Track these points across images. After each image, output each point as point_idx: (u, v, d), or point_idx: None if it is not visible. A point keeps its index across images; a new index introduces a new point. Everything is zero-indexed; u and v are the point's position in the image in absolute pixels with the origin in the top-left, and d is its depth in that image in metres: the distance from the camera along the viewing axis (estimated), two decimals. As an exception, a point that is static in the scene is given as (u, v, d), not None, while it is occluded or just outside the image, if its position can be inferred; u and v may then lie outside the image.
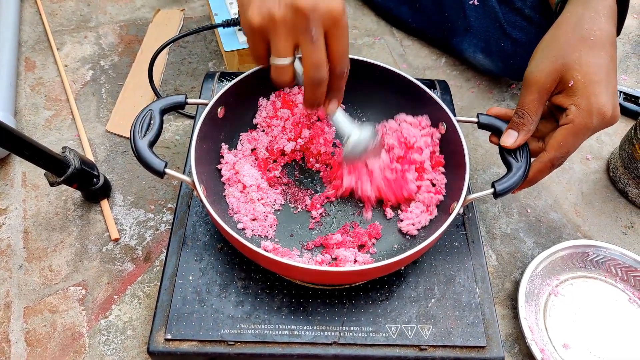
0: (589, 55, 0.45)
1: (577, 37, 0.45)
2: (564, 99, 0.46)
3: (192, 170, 0.45)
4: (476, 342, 0.46)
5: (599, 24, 0.46)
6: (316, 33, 0.39)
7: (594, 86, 0.44)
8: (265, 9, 0.39)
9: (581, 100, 0.44)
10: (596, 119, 0.44)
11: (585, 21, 0.46)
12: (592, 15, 0.46)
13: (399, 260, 0.42)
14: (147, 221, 0.60)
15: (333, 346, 0.45)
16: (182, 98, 0.49)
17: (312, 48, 0.40)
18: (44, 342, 0.50)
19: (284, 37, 0.40)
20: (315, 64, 0.41)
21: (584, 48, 0.45)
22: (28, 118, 0.69)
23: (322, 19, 0.39)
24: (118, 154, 0.66)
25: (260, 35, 0.41)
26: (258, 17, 0.39)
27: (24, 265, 0.55)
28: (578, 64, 0.45)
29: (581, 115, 0.44)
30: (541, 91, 0.46)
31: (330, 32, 0.41)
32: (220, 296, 0.48)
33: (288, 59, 0.42)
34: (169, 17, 0.83)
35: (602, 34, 0.45)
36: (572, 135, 0.45)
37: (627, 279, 0.56)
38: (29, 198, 0.61)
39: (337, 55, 0.42)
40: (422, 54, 0.82)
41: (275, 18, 0.39)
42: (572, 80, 0.45)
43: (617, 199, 0.66)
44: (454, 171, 0.51)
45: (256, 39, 0.41)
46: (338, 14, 0.40)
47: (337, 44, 0.41)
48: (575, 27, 0.46)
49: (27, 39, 0.79)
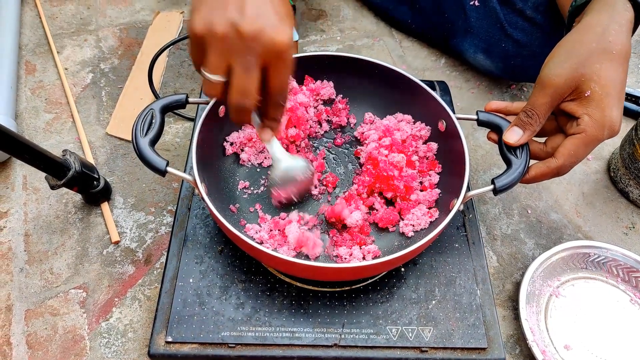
0: (609, 68, 0.44)
1: (600, 47, 0.45)
2: (576, 108, 0.46)
3: (194, 169, 0.45)
4: (477, 343, 0.46)
5: (622, 38, 0.45)
6: (251, 62, 0.38)
7: (609, 99, 0.44)
8: (208, 19, 0.37)
9: (595, 112, 0.44)
10: (607, 132, 0.45)
11: (610, 33, 0.45)
12: (617, 29, 0.45)
13: (399, 256, 0.42)
14: (148, 224, 0.60)
15: (334, 348, 0.45)
16: (183, 97, 0.49)
17: (241, 74, 0.38)
18: (45, 345, 0.50)
19: (218, 54, 0.38)
20: (239, 90, 0.39)
21: (605, 60, 0.44)
22: (28, 121, 0.69)
23: (263, 50, 0.37)
24: (118, 157, 0.66)
25: (199, 44, 0.39)
26: (200, 25, 0.38)
27: (25, 268, 0.56)
28: (597, 75, 0.44)
29: (594, 126, 0.44)
30: (555, 95, 0.46)
31: (270, 64, 0.39)
32: (221, 298, 0.48)
33: (218, 76, 0.39)
34: (168, 20, 0.83)
35: (623, 48, 0.45)
36: (583, 145, 0.45)
37: (628, 280, 0.56)
38: (29, 201, 0.61)
39: (273, 88, 0.41)
40: (421, 55, 0.82)
41: (215, 32, 0.37)
42: (589, 90, 0.44)
43: (618, 199, 0.66)
44: (453, 168, 0.51)
45: (194, 46, 0.39)
46: (282, 48, 0.38)
47: (275, 78, 0.40)
48: (600, 37, 0.45)
49: (27, 43, 0.79)
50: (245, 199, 0.55)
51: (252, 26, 0.37)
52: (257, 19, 0.37)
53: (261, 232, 0.51)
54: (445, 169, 0.55)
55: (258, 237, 0.50)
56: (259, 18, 0.37)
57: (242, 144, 0.57)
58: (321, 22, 0.87)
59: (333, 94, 0.61)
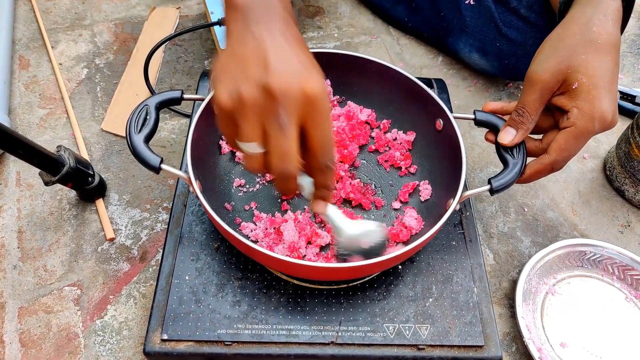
0: (595, 58, 0.44)
1: (585, 39, 0.45)
2: (566, 101, 0.45)
3: (188, 166, 0.45)
4: (474, 341, 0.46)
5: (607, 28, 0.45)
6: (285, 118, 0.34)
7: (598, 90, 0.44)
8: (235, 89, 0.34)
9: (584, 104, 0.44)
10: (597, 124, 0.44)
11: (593, 23, 0.45)
12: (601, 18, 0.45)
13: (396, 256, 0.42)
14: (143, 220, 0.59)
15: (330, 346, 0.45)
16: (179, 93, 0.48)
17: (277, 135, 0.34)
18: (38, 342, 0.50)
19: (250, 120, 0.34)
20: (280, 153, 0.35)
21: (590, 51, 0.44)
22: (22, 117, 0.68)
23: (296, 102, 0.34)
24: (113, 153, 0.65)
25: (229, 117, 0.35)
26: (226, 98, 0.35)
27: (18, 265, 0.55)
28: (584, 66, 0.44)
29: (583, 118, 0.44)
30: (543, 91, 0.46)
31: (307, 118, 0.35)
32: (217, 296, 0.47)
33: (253, 145, 0.35)
34: (164, 15, 0.83)
35: (610, 38, 0.45)
36: (574, 138, 0.45)
37: (623, 278, 0.56)
38: (23, 197, 0.60)
39: (316, 145, 0.36)
40: (418, 52, 0.82)
41: (244, 100, 0.34)
42: (576, 82, 0.44)
43: (614, 197, 0.66)
44: (450, 168, 0.51)
45: (224, 121, 0.36)
46: (316, 97, 0.34)
47: (315, 132, 0.36)
48: (583, 28, 0.45)
49: (21, 37, 0.78)
50: (240, 197, 0.54)
51: (280, 80, 0.33)
52: (284, 72, 0.34)
53: (256, 230, 0.50)
54: (441, 168, 0.55)
55: (253, 235, 0.50)
56: (286, 71, 0.34)
57: None
58: (318, 18, 0.87)
59: (330, 92, 0.61)
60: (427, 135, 0.57)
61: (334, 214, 0.43)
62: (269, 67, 0.34)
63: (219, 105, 0.35)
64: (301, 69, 0.35)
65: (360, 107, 0.60)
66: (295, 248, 0.48)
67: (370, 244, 0.44)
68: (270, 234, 0.50)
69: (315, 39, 0.83)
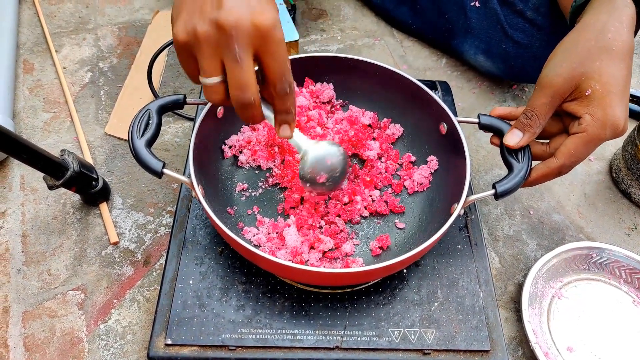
0: (610, 66, 0.44)
1: (599, 45, 0.44)
2: (578, 107, 0.45)
3: (191, 170, 0.45)
4: (480, 346, 0.45)
5: (622, 34, 0.44)
6: (240, 51, 0.36)
7: (611, 97, 0.43)
8: (190, 25, 0.37)
9: (597, 111, 0.44)
10: (609, 131, 0.44)
11: (608, 30, 0.44)
12: (617, 25, 0.45)
13: (400, 261, 0.41)
14: (147, 224, 0.59)
15: (335, 351, 0.45)
16: (181, 97, 0.48)
17: (234, 67, 0.37)
18: (42, 347, 0.50)
19: (208, 55, 0.37)
20: (238, 85, 0.37)
21: (605, 58, 0.44)
22: (26, 121, 0.68)
23: (249, 36, 0.36)
24: (117, 157, 0.65)
25: (187, 52, 0.38)
26: (183, 33, 0.37)
27: (22, 269, 0.55)
28: (598, 73, 0.43)
29: (595, 125, 0.44)
30: (555, 96, 0.45)
31: (261, 50, 0.37)
32: (221, 300, 0.47)
33: (215, 78, 0.38)
34: (168, 19, 0.82)
35: (624, 45, 0.44)
36: (584, 144, 0.45)
37: (631, 281, 0.56)
38: (27, 201, 0.60)
39: (272, 74, 0.39)
40: (422, 54, 0.82)
41: (199, 35, 0.36)
42: (589, 89, 0.44)
43: (620, 200, 0.65)
44: (454, 172, 0.51)
45: (184, 56, 0.39)
46: (267, 29, 0.36)
47: (271, 62, 0.38)
48: (598, 35, 0.45)
49: (25, 41, 0.78)
50: (243, 202, 0.54)
51: (231, 16, 0.36)
52: (235, 7, 0.36)
53: (259, 234, 0.50)
54: (446, 172, 0.55)
55: (255, 239, 0.50)
56: (236, 6, 0.36)
57: (241, 146, 0.56)
58: (321, 21, 0.86)
59: (333, 96, 0.60)
60: (431, 139, 0.56)
61: (298, 137, 0.46)
62: (221, 2, 0.36)
63: (176, 41, 0.38)
64: (253, 3, 0.37)
65: (362, 110, 0.60)
66: (298, 253, 0.48)
67: (333, 161, 0.48)
68: (272, 238, 0.50)
69: (319, 41, 0.83)
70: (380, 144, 0.58)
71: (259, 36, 0.37)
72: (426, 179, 0.56)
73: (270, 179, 0.56)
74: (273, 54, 0.38)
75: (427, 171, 0.56)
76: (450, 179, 0.53)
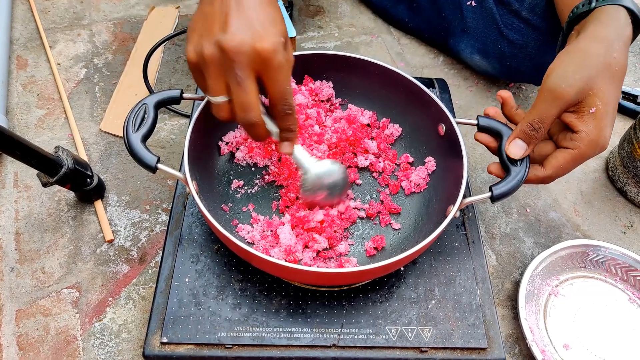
0: (611, 85, 0.44)
1: (606, 62, 0.44)
2: (577, 122, 0.44)
3: (185, 166, 0.45)
4: (477, 343, 0.45)
5: (624, 56, 0.45)
6: (242, 74, 0.38)
7: (607, 118, 0.43)
8: (199, 46, 0.39)
9: (593, 130, 0.43)
10: (598, 150, 0.44)
11: (614, 49, 0.44)
12: (621, 45, 0.45)
13: (396, 261, 0.41)
14: (142, 222, 0.59)
15: (332, 349, 0.45)
16: (178, 92, 0.48)
17: (237, 89, 0.39)
18: (36, 346, 0.49)
19: (214, 76, 0.40)
20: (241, 106, 0.40)
21: (609, 77, 0.44)
22: (20, 117, 0.67)
23: (249, 60, 0.38)
24: (112, 154, 0.65)
25: (198, 71, 0.41)
26: (193, 53, 0.40)
27: (15, 267, 0.54)
28: (602, 92, 0.43)
29: (589, 145, 0.44)
30: (564, 107, 0.44)
31: (262, 73, 0.40)
32: (217, 298, 0.47)
33: (221, 97, 0.41)
34: (163, 15, 0.82)
35: (623, 67, 0.44)
36: (573, 160, 0.44)
37: (626, 279, 0.56)
38: (20, 199, 0.60)
39: (272, 95, 0.41)
40: (419, 52, 0.82)
41: (205, 57, 0.39)
42: (594, 107, 0.43)
43: (616, 198, 0.65)
44: (451, 174, 0.51)
45: (195, 74, 0.42)
46: (268, 53, 0.38)
47: (271, 85, 0.40)
48: (607, 52, 0.44)
49: (18, 37, 0.77)
50: (238, 199, 0.54)
51: (233, 40, 0.37)
52: (239, 31, 0.38)
53: (253, 232, 0.50)
54: (443, 173, 0.54)
55: (249, 237, 0.49)
56: (239, 31, 0.38)
57: (238, 143, 0.56)
58: (319, 18, 0.86)
59: (333, 95, 0.60)
60: (429, 140, 0.56)
61: (300, 153, 0.48)
62: (227, 26, 0.38)
63: (187, 60, 0.41)
64: (257, 28, 0.38)
65: (361, 109, 0.60)
66: (292, 252, 0.47)
67: (333, 180, 0.50)
68: (267, 236, 0.50)
69: (316, 38, 0.83)
70: (378, 144, 0.57)
71: (260, 61, 0.39)
72: (423, 180, 0.55)
73: (267, 176, 0.55)
74: (273, 78, 0.40)
75: (424, 172, 0.55)
76: (447, 181, 0.52)
